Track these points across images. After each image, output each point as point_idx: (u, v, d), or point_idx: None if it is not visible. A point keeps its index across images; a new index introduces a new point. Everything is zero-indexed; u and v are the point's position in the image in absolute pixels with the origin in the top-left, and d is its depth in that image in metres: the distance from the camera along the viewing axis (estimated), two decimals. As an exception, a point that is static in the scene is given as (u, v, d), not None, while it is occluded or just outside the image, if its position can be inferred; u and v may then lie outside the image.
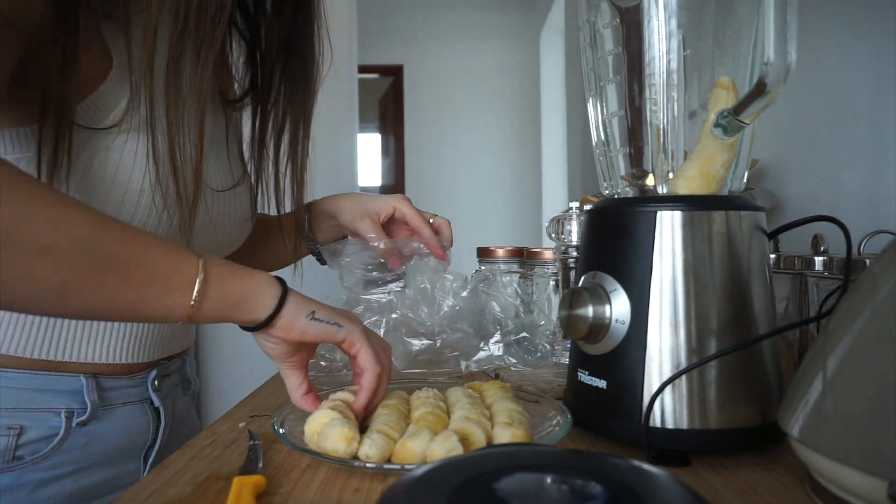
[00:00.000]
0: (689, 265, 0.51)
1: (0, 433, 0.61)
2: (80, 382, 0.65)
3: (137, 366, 0.70)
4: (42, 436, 0.63)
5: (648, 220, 0.52)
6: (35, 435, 0.63)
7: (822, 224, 0.54)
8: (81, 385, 0.65)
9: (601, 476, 0.32)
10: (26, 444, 0.62)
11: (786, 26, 0.46)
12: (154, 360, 0.72)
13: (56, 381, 0.64)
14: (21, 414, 0.62)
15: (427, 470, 0.33)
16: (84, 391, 0.65)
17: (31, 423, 0.63)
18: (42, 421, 0.63)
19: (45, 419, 0.63)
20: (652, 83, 0.54)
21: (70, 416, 0.65)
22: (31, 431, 0.63)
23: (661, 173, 0.55)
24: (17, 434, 0.62)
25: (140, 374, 0.71)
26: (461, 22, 4.57)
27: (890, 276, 0.40)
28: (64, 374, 0.64)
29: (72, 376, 0.65)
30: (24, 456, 0.62)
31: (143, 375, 0.71)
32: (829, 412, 0.39)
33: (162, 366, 0.73)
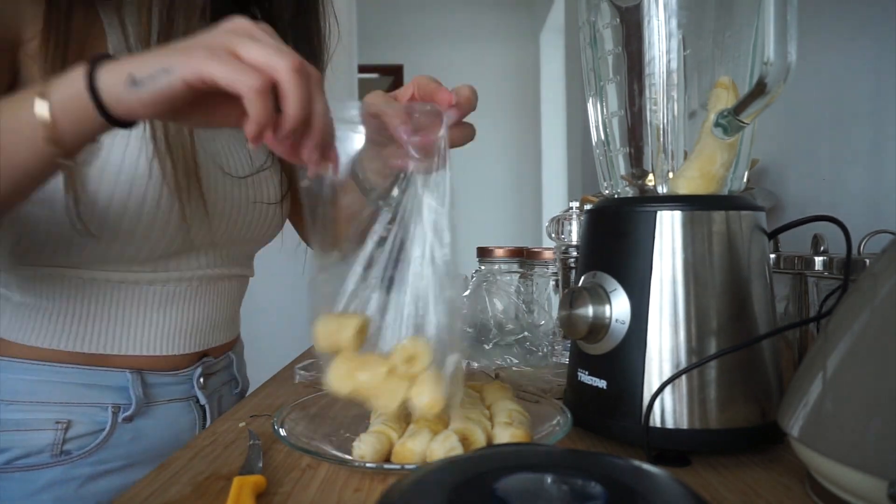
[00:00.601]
0: (689, 265, 0.51)
1: (48, 427, 0.63)
2: (126, 378, 0.66)
3: (181, 360, 0.71)
4: (89, 430, 0.65)
5: (648, 220, 0.52)
6: (83, 429, 0.64)
7: (822, 224, 0.54)
8: (127, 380, 0.67)
9: (601, 476, 0.32)
10: (74, 439, 0.64)
11: (786, 26, 0.46)
12: (198, 352, 0.73)
13: (103, 376, 0.65)
14: (69, 408, 0.64)
15: (427, 470, 0.33)
16: (129, 386, 0.67)
17: (79, 417, 0.64)
18: (89, 416, 0.65)
19: (92, 414, 0.65)
20: (652, 83, 0.54)
21: (116, 412, 0.66)
22: (78, 426, 0.64)
23: (661, 173, 0.55)
24: (64, 428, 0.63)
25: (185, 370, 0.72)
26: (461, 22, 4.57)
27: (890, 275, 0.40)
28: (110, 368, 0.66)
29: (117, 372, 0.66)
30: (72, 450, 0.64)
31: (189, 372, 0.72)
32: (829, 412, 0.39)
33: (207, 363, 0.74)
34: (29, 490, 0.62)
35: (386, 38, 4.47)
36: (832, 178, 0.91)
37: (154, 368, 0.69)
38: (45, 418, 0.63)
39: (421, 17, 4.56)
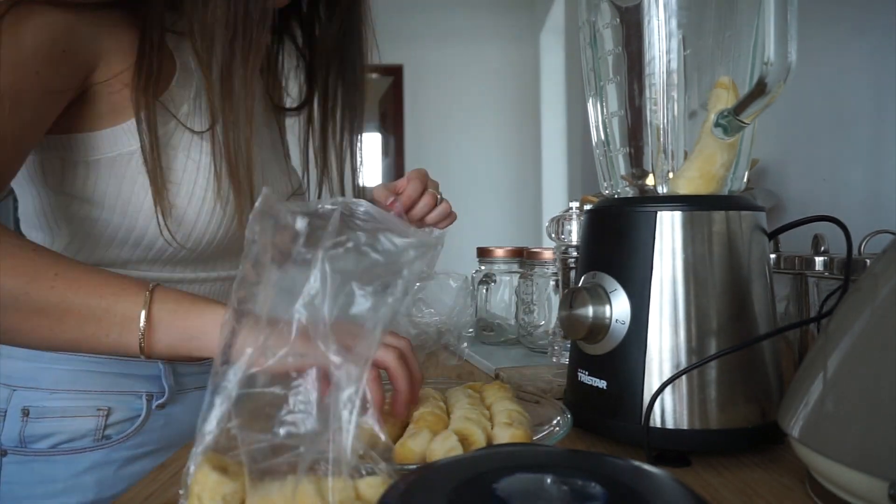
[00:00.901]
0: (689, 265, 0.51)
1: (91, 414, 0.69)
2: (159, 368, 0.72)
3: None
4: (127, 417, 0.70)
5: (648, 220, 0.52)
6: (121, 416, 0.70)
7: (822, 224, 0.54)
8: (160, 371, 0.72)
9: (601, 476, 0.32)
10: (114, 425, 0.70)
11: (786, 26, 0.46)
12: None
13: (138, 366, 0.71)
14: (109, 396, 0.70)
15: (427, 470, 0.33)
16: (162, 376, 0.72)
17: (118, 404, 0.70)
18: (127, 403, 0.71)
19: (129, 402, 0.71)
20: (652, 83, 0.54)
21: (150, 399, 0.72)
22: (117, 412, 0.70)
23: (661, 173, 0.55)
24: (105, 415, 0.69)
25: (209, 359, 0.74)
26: (461, 22, 4.57)
27: (890, 276, 0.40)
28: (144, 360, 0.68)
29: (151, 363, 0.71)
30: (112, 435, 0.69)
31: (211, 361, 0.74)
32: (829, 412, 0.39)
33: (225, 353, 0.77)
34: (73, 471, 0.68)
35: (386, 38, 4.45)
36: (832, 178, 0.91)
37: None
38: (87, 405, 0.68)
39: (421, 17, 4.56)
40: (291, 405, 0.37)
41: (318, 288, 0.37)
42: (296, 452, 0.36)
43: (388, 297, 0.38)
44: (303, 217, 0.39)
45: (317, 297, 0.36)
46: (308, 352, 0.38)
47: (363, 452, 0.37)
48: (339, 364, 0.36)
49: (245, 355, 0.37)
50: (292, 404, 0.37)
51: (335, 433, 0.35)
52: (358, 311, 0.37)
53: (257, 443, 0.36)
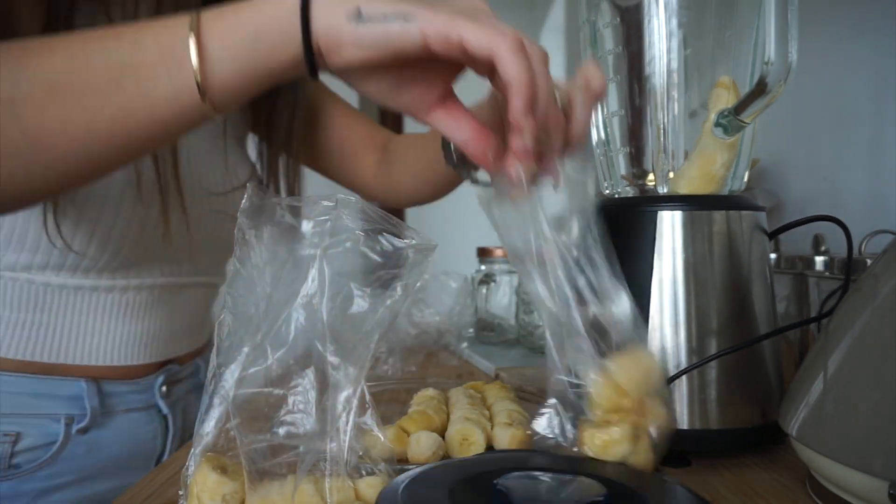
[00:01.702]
0: (690, 265, 0.51)
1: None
2: (81, 387, 0.63)
3: (141, 369, 0.68)
4: (40, 443, 0.61)
5: (648, 220, 0.52)
6: (32, 442, 0.60)
7: (822, 224, 0.54)
8: (82, 390, 0.63)
9: (601, 476, 0.32)
10: (23, 452, 0.60)
11: (787, 26, 0.46)
12: (160, 361, 0.70)
13: (55, 384, 0.62)
14: (18, 420, 0.60)
15: (425, 470, 0.33)
16: (84, 396, 0.63)
17: (29, 429, 0.61)
18: (40, 427, 0.61)
19: (43, 425, 0.61)
20: (652, 83, 0.54)
21: (70, 423, 0.62)
22: (27, 438, 0.60)
23: (661, 173, 0.55)
24: (12, 441, 0.59)
25: (145, 378, 0.68)
26: (461, 22, 4.56)
27: (891, 276, 0.40)
28: (63, 377, 0.62)
29: (72, 380, 0.62)
30: (21, 464, 0.60)
31: (150, 380, 0.69)
32: (830, 412, 0.39)
33: (171, 370, 0.71)
34: None
35: (386, 38, 4.46)
36: (832, 178, 0.91)
37: (111, 377, 0.66)
38: None
39: (421, 17, 4.55)
40: (291, 405, 0.37)
41: (316, 288, 0.36)
42: (295, 452, 0.36)
43: (388, 298, 0.38)
44: (299, 215, 0.39)
45: (314, 297, 0.36)
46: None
47: (363, 453, 0.37)
48: (338, 365, 0.36)
49: (242, 354, 0.37)
50: (291, 404, 0.37)
51: (334, 434, 0.35)
52: (356, 311, 0.37)
53: (256, 443, 0.36)
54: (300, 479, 0.35)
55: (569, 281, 0.40)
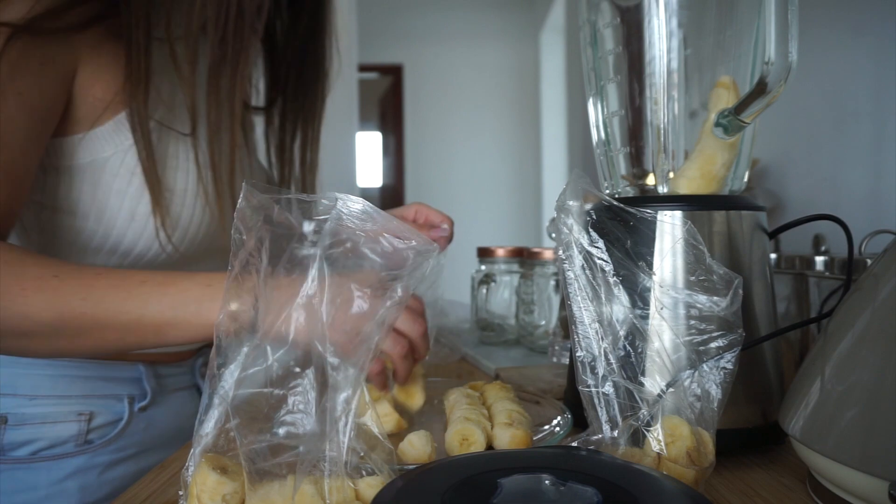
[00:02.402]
0: (690, 265, 0.51)
1: (72, 419, 0.67)
2: (140, 371, 0.71)
3: (188, 353, 0.76)
4: (109, 421, 0.69)
5: (648, 220, 0.52)
6: (103, 420, 0.69)
7: (822, 224, 0.54)
8: (141, 373, 0.71)
9: (600, 476, 0.32)
10: (96, 429, 0.68)
11: (787, 26, 0.46)
12: (200, 345, 0.77)
13: (119, 369, 0.70)
14: (90, 401, 0.68)
15: (424, 470, 0.33)
16: (143, 378, 0.71)
17: (100, 409, 0.69)
18: (108, 407, 0.69)
19: (111, 405, 0.70)
20: (652, 83, 0.54)
21: (132, 402, 0.71)
22: (99, 417, 0.68)
23: (661, 173, 0.55)
24: (87, 419, 0.68)
25: (188, 360, 0.77)
26: (461, 22, 4.57)
27: (891, 276, 0.40)
28: (125, 362, 0.70)
29: (132, 365, 0.71)
30: (94, 440, 0.68)
31: (191, 362, 0.77)
32: (830, 413, 0.39)
33: (206, 353, 0.79)
34: (55, 478, 0.66)
35: (386, 38, 4.47)
36: (833, 178, 0.91)
37: (163, 361, 0.73)
38: (68, 410, 0.67)
39: (421, 17, 4.56)
40: (290, 405, 0.37)
41: (316, 288, 0.36)
42: (295, 453, 0.36)
43: (388, 300, 0.38)
44: (298, 214, 0.39)
45: (314, 297, 0.36)
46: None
47: (363, 453, 0.37)
48: (337, 366, 0.36)
49: (242, 354, 0.37)
50: (291, 404, 0.37)
51: (333, 434, 0.35)
52: (356, 313, 0.37)
53: (256, 443, 0.36)
54: (300, 480, 0.35)
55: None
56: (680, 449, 0.38)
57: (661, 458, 0.39)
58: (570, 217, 0.43)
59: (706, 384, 0.41)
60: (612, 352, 0.41)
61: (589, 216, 0.47)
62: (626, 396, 0.41)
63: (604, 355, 0.41)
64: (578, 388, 0.41)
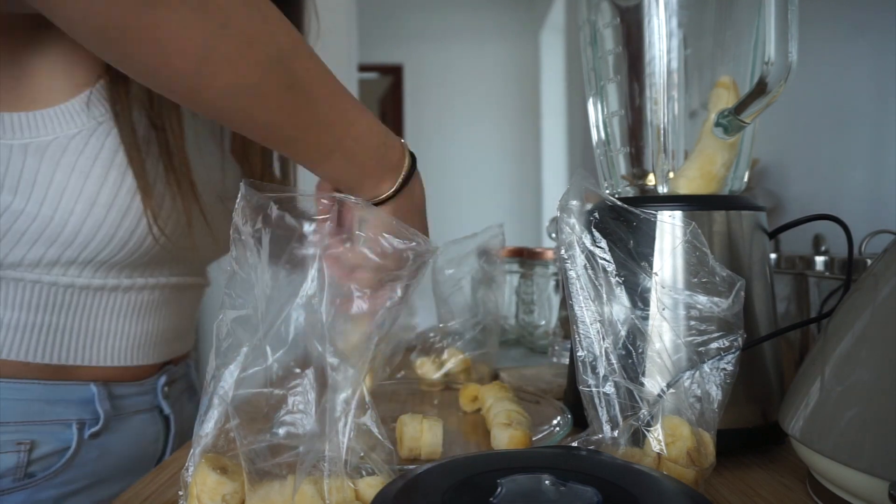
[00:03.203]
0: (692, 266, 0.50)
1: (10, 449, 0.58)
2: (92, 391, 0.62)
3: (147, 369, 0.68)
4: (54, 450, 0.60)
5: (648, 220, 0.52)
6: (47, 449, 0.60)
7: (822, 224, 0.54)
8: (93, 394, 0.62)
9: (600, 476, 0.32)
10: (38, 460, 0.59)
11: (787, 26, 0.46)
12: (161, 362, 0.70)
13: (67, 390, 0.61)
14: (31, 427, 0.59)
15: (423, 470, 0.33)
16: (96, 400, 0.63)
17: (43, 437, 0.60)
18: (53, 434, 0.60)
19: (56, 432, 0.61)
20: (652, 82, 0.54)
21: (82, 428, 0.62)
22: (42, 446, 0.59)
23: (661, 173, 0.55)
24: (28, 449, 0.59)
25: (149, 379, 0.69)
26: (461, 22, 4.57)
27: (891, 276, 0.40)
28: (74, 382, 0.62)
29: (82, 385, 0.62)
30: (37, 472, 0.59)
31: (153, 381, 0.69)
32: (829, 413, 0.39)
33: (170, 371, 0.72)
34: None
35: (386, 38, 4.47)
36: (832, 178, 0.91)
37: (120, 379, 0.65)
38: (5, 440, 0.58)
39: (421, 16, 4.56)
40: (290, 405, 0.37)
41: (316, 288, 0.36)
42: (294, 453, 0.36)
43: (387, 300, 0.38)
44: (297, 214, 0.39)
45: (314, 297, 0.36)
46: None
47: (363, 453, 0.37)
48: (337, 366, 0.36)
49: (241, 354, 0.37)
50: (291, 404, 0.37)
51: (333, 434, 0.35)
52: (356, 312, 0.37)
53: (256, 444, 0.36)
54: (300, 480, 0.35)
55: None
56: (680, 449, 0.38)
57: (662, 459, 0.39)
58: (573, 217, 0.43)
59: (706, 385, 0.41)
60: (613, 352, 0.41)
61: (592, 216, 0.47)
62: (627, 396, 0.41)
63: (605, 355, 0.41)
64: (579, 387, 0.41)
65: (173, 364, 0.74)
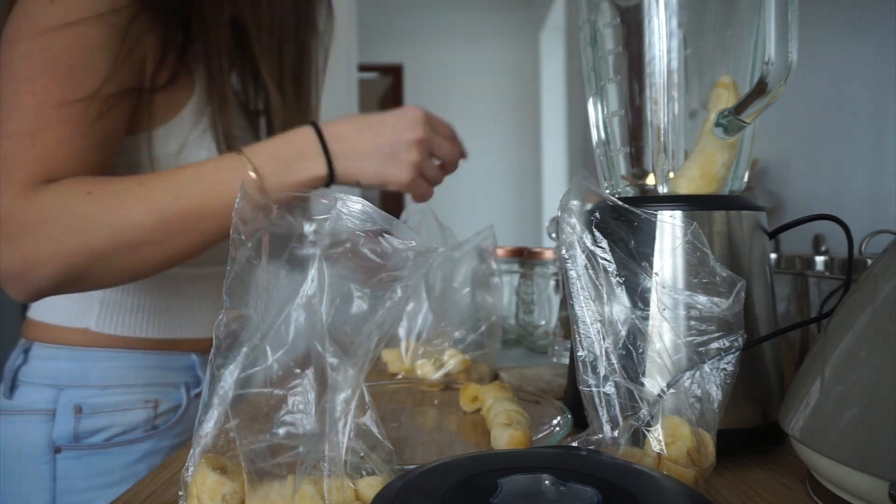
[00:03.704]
0: (692, 266, 0.50)
1: (141, 406, 0.73)
2: (193, 360, 0.77)
3: None
4: (171, 407, 0.76)
5: (648, 220, 0.52)
6: (166, 406, 0.75)
7: (822, 224, 0.54)
8: (194, 362, 0.78)
9: (600, 476, 0.32)
10: (161, 415, 0.75)
11: (787, 26, 0.46)
12: None
13: (175, 358, 0.76)
14: (154, 389, 0.74)
15: (423, 470, 0.33)
16: (197, 366, 0.78)
17: (162, 396, 0.75)
18: (170, 394, 0.76)
19: (171, 393, 0.76)
20: (652, 82, 0.54)
21: (188, 389, 0.77)
22: (163, 404, 0.75)
23: (661, 173, 0.55)
24: (154, 406, 0.74)
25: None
26: (461, 22, 4.57)
27: (891, 276, 0.40)
28: (180, 352, 0.77)
29: (186, 355, 0.77)
30: (160, 425, 0.75)
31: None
32: (829, 412, 0.39)
33: None
34: (128, 461, 0.72)
35: (386, 38, 4.47)
36: (833, 178, 0.91)
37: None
38: (137, 399, 0.73)
39: (421, 16, 4.56)
40: (290, 405, 0.37)
41: (316, 289, 0.36)
42: (294, 453, 0.36)
43: (387, 300, 0.38)
44: (297, 214, 0.39)
45: (314, 297, 0.36)
46: None
47: (363, 453, 0.37)
48: (336, 366, 0.36)
49: (241, 355, 0.37)
50: (291, 405, 0.37)
51: (333, 434, 0.35)
52: (356, 313, 0.37)
53: (256, 444, 0.36)
54: (300, 480, 0.35)
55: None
56: (680, 449, 0.38)
57: (662, 459, 0.39)
58: (574, 217, 0.43)
59: (706, 385, 0.41)
60: (614, 352, 0.41)
61: (592, 216, 0.47)
62: (627, 396, 0.41)
63: (605, 355, 0.41)
64: (579, 387, 0.41)
65: None
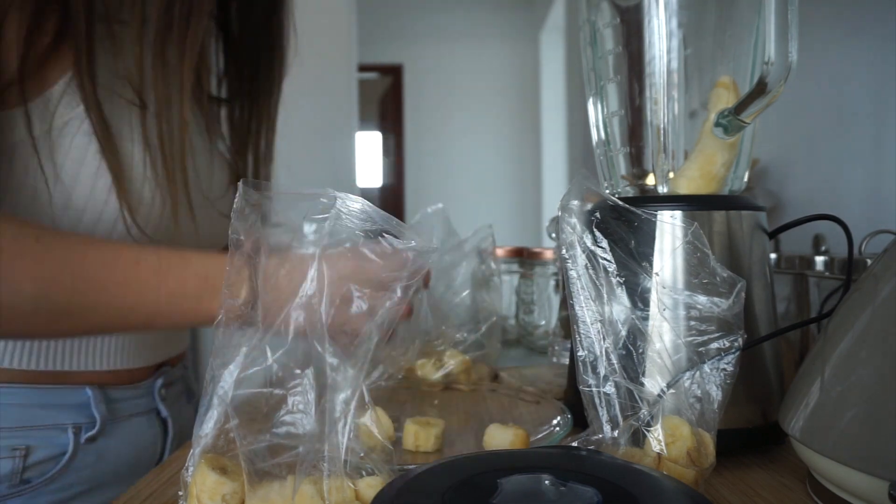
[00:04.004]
0: (692, 266, 0.50)
1: (5, 455, 0.57)
2: (87, 395, 0.62)
3: (141, 372, 0.68)
4: (50, 455, 0.59)
5: (648, 220, 0.52)
6: (42, 455, 0.59)
7: (822, 224, 0.54)
8: (88, 397, 0.62)
9: (600, 476, 0.32)
10: (34, 466, 0.58)
11: (787, 26, 0.46)
12: (156, 363, 0.70)
13: (61, 394, 0.61)
14: (26, 433, 0.59)
15: (423, 471, 0.33)
16: (91, 404, 0.62)
17: (38, 442, 0.59)
18: (49, 439, 0.59)
19: (51, 437, 0.60)
20: (652, 82, 0.54)
21: (78, 432, 0.61)
22: (38, 451, 0.59)
23: (661, 173, 0.55)
24: (23, 455, 0.58)
25: (146, 381, 0.68)
26: (461, 22, 4.57)
27: (891, 276, 0.40)
28: (69, 386, 0.61)
29: (77, 388, 0.61)
30: (32, 479, 0.58)
31: (149, 383, 0.69)
32: (829, 412, 0.39)
33: (166, 372, 0.71)
34: None
35: (386, 38, 4.47)
36: (832, 178, 0.91)
37: (115, 382, 0.64)
38: (1, 445, 0.57)
39: (421, 16, 4.56)
40: (290, 405, 0.37)
41: (315, 289, 0.36)
42: (294, 453, 0.36)
43: (387, 300, 0.38)
44: (297, 214, 0.39)
45: (314, 297, 0.36)
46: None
47: (363, 454, 0.37)
48: (336, 366, 0.36)
49: (241, 355, 0.37)
50: (291, 405, 0.37)
51: (332, 435, 0.35)
52: (356, 313, 0.37)
53: (255, 444, 0.36)
54: (300, 480, 0.35)
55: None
56: (680, 449, 0.38)
57: (662, 459, 0.39)
58: (574, 217, 0.43)
59: (706, 385, 0.41)
60: (614, 352, 0.41)
61: (593, 216, 0.47)
62: (627, 396, 0.41)
63: (605, 355, 0.41)
64: (579, 387, 0.41)
65: (170, 365, 0.73)
